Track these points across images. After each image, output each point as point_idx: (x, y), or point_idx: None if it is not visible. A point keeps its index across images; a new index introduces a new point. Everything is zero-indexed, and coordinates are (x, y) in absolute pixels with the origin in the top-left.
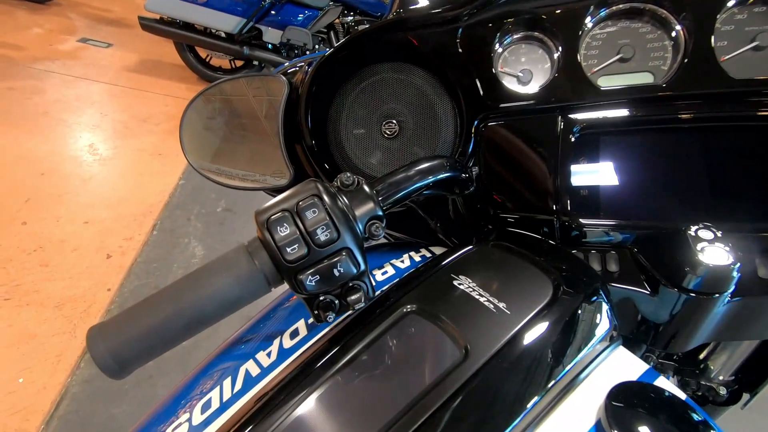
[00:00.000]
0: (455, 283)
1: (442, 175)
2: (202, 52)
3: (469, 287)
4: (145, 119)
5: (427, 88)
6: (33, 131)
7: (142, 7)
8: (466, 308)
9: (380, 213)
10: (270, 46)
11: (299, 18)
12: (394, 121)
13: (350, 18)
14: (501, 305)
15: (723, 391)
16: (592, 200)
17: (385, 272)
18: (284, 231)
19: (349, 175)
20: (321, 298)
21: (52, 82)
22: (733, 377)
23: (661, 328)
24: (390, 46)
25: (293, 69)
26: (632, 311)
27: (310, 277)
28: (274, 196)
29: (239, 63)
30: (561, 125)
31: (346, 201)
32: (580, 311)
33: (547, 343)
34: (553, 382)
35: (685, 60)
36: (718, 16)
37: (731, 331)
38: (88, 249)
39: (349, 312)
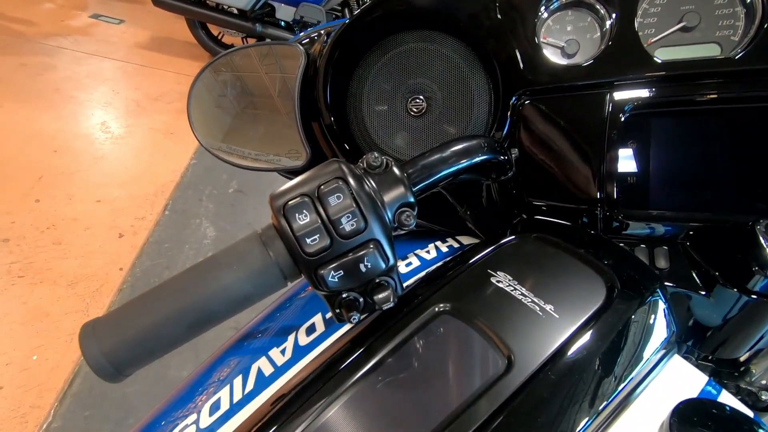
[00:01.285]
0: (493, 280)
1: (479, 158)
2: (214, 30)
3: (510, 285)
4: (157, 98)
5: (459, 60)
6: (45, 108)
7: None
8: (507, 310)
9: (412, 200)
10: (283, 23)
11: None
12: (422, 97)
13: None
14: (548, 308)
15: (765, 396)
16: (641, 189)
17: (410, 263)
18: (304, 219)
19: (376, 155)
20: (344, 296)
21: (63, 59)
22: None
23: (711, 332)
24: (419, 12)
25: (310, 39)
26: (680, 312)
27: (332, 272)
28: (290, 179)
29: (251, 41)
30: (610, 104)
31: (374, 185)
32: (636, 316)
33: (600, 353)
34: (608, 398)
35: (763, 29)
36: None
37: None
38: (101, 228)
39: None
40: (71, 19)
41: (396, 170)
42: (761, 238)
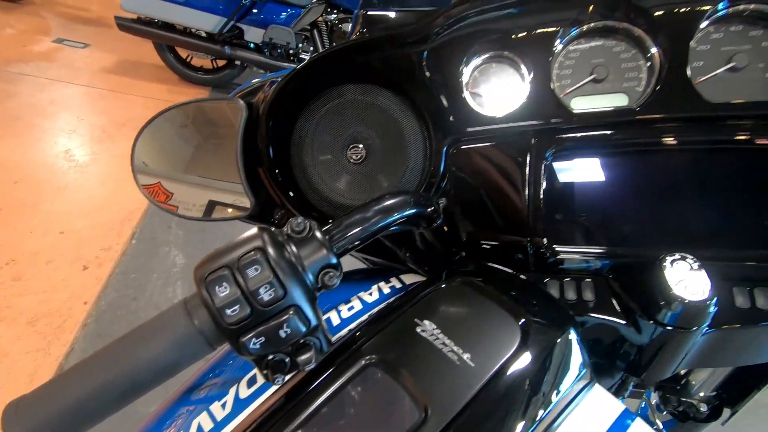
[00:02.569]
0: (418, 329)
1: (404, 213)
2: (183, 52)
3: (433, 335)
4: (123, 123)
5: (394, 111)
6: (5, 137)
7: (120, 5)
8: (428, 360)
9: (334, 261)
10: (252, 45)
11: (281, 16)
12: (361, 146)
13: (333, 16)
14: (465, 356)
15: (703, 407)
16: (566, 226)
17: (352, 308)
18: (224, 291)
19: (300, 220)
20: (270, 357)
21: (25, 85)
22: (714, 393)
23: (637, 358)
24: (354, 68)
25: (254, 90)
26: (609, 339)
27: (253, 339)
28: (252, 224)
29: (221, 63)
30: (533, 149)
31: (295, 251)
32: (550, 357)
33: (515, 396)
34: None
35: (660, 81)
36: (693, 36)
37: (708, 359)
38: (64, 260)
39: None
40: (33, 44)
41: (318, 234)
42: (665, 274)
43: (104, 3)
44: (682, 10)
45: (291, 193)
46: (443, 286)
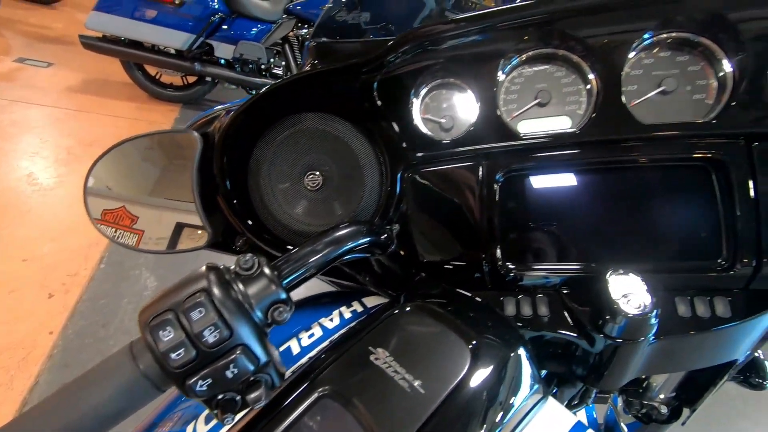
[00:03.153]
0: (372, 358)
1: (355, 243)
2: (152, 69)
3: (386, 362)
4: (91, 143)
5: (348, 139)
6: None
7: (84, 24)
8: (380, 389)
9: (283, 296)
10: (223, 61)
11: (252, 32)
12: (318, 173)
13: (304, 31)
14: (416, 384)
15: (664, 409)
16: (520, 244)
17: (312, 335)
18: (167, 335)
19: (248, 257)
20: (220, 397)
21: None
22: (674, 394)
23: (592, 368)
24: (307, 98)
25: (211, 119)
26: (567, 351)
27: (200, 381)
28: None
29: (192, 79)
30: (484, 171)
31: (243, 289)
32: (500, 376)
33: (467, 418)
34: None
35: (598, 105)
36: (626, 61)
37: (659, 366)
38: (28, 289)
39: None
40: None
41: (266, 270)
42: (609, 289)
43: (68, 21)
44: (614, 38)
45: (250, 221)
46: (396, 312)
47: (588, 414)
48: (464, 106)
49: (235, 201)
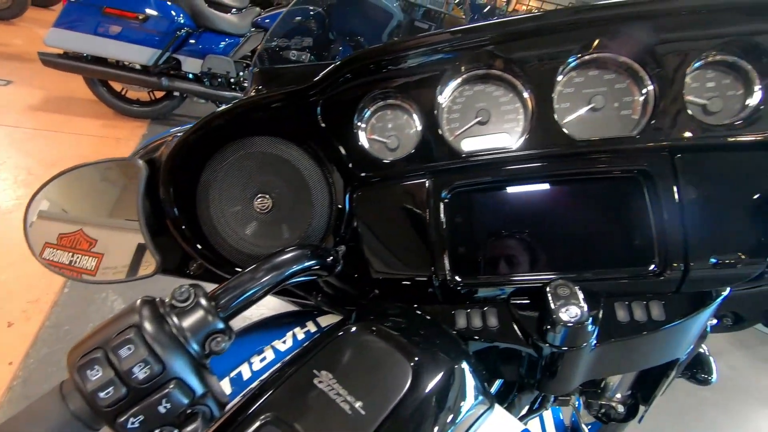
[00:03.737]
0: (316, 381)
1: (298, 268)
2: (117, 85)
3: (329, 385)
4: (53, 163)
5: (296, 161)
6: None
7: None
8: (323, 414)
9: (220, 326)
10: (191, 75)
11: (220, 46)
12: (267, 196)
13: (273, 44)
14: (357, 405)
15: (621, 408)
16: (468, 258)
17: (264, 358)
18: (95, 374)
19: (184, 289)
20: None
21: None
22: (630, 392)
23: (542, 375)
24: (253, 123)
25: (158, 145)
26: (518, 360)
27: (131, 419)
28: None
29: (159, 94)
30: (430, 188)
31: (177, 322)
32: (442, 391)
33: None
34: None
35: (533, 122)
36: (557, 80)
37: (606, 368)
38: None
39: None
40: None
41: (203, 301)
42: (549, 299)
43: (28, 37)
44: (543, 60)
45: (199, 246)
46: (340, 334)
47: (554, 416)
48: (409, 126)
49: (183, 227)
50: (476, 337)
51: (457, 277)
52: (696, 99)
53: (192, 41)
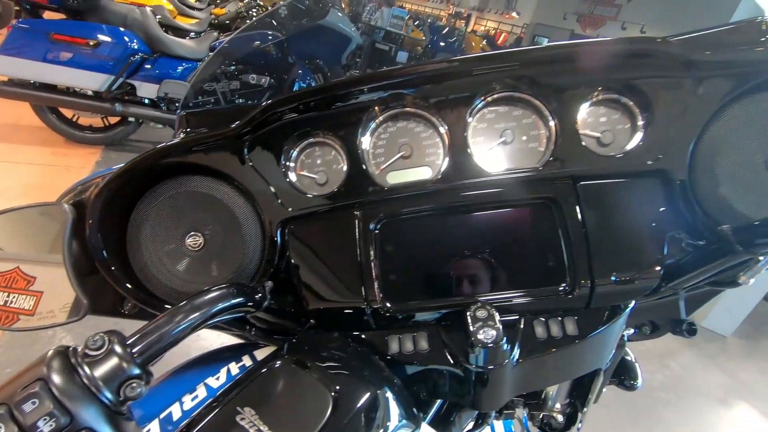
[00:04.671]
0: (238, 418)
1: (221, 307)
2: (68, 111)
3: (251, 422)
4: None
5: (226, 199)
6: None
7: None
8: None
9: (135, 372)
10: (147, 100)
11: (177, 70)
12: (199, 234)
13: (232, 68)
14: None
15: (560, 418)
16: (398, 286)
17: (196, 397)
18: None
19: (97, 337)
20: None
21: None
22: (568, 401)
23: (472, 393)
24: (181, 164)
25: (87, 187)
26: (450, 380)
27: None
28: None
29: (114, 120)
30: (359, 220)
31: (88, 371)
32: (362, 418)
33: None
34: None
35: (451, 156)
36: (468, 118)
37: (533, 382)
38: None
39: None
40: None
41: (117, 348)
42: (469, 322)
43: None
44: (455, 99)
45: (129, 285)
46: (263, 370)
47: (506, 429)
48: (336, 162)
49: (113, 267)
50: (408, 361)
51: (388, 304)
52: (591, 132)
53: (147, 66)
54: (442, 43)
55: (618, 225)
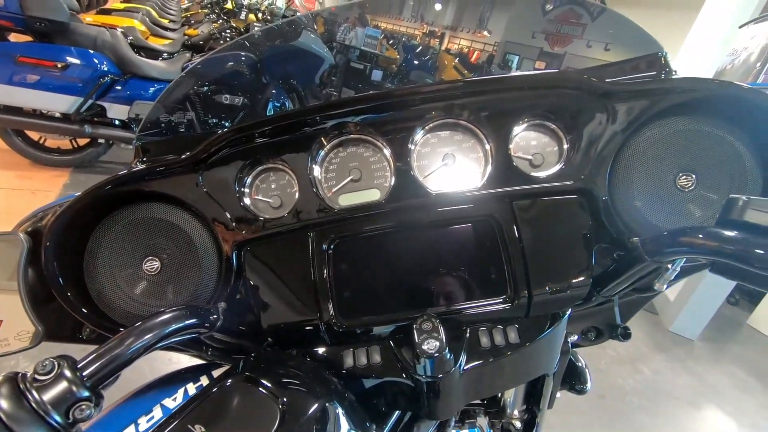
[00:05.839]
0: None
1: (172, 328)
2: (35, 134)
3: None
4: None
5: (182, 224)
6: None
7: None
8: None
9: (85, 394)
10: (117, 122)
11: (149, 92)
12: (156, 259)
13: (205, 89)
14: None
15: (518, 424)
16: (351, 303)
17: (152, 418)
18: None
19: (47, 362)
20: None
21: None
22: (525, 407)
23: (426, 403)
24: (137, 192)
25: (43, 216)
26: (406, 391)
27: None
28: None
29: (83, 141)
30: (313, 241)
31: (37, 396)
32: (309, 430)
33: None
34: None
35: (397, 178)
36: (410, 145)
37: (483, 389)
38: None
39: None
40: None
41: (67, 372)
42: (415, 334)
43: None
44: (397, 127)
45: (86, 311)
46: (214, 389)
47: None
48: (290, 186)
49: (69, 294)
50: (363, 374)
51: (341, 321)
52: (523, 155)
53: (118, 88)
54: (416, 62)
55: (551, 239)
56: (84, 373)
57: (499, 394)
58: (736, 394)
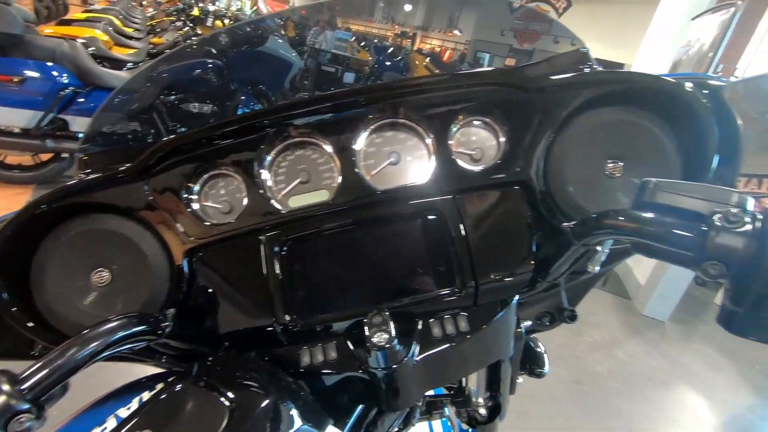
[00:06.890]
0: None
1: (119, 335)
2: None
3: None
4: None
5: (130, 234)
6: None
7: None
8: None
9: (24, 407)
10: (81, 135)
11: None
12: (105, 270)
13: (172, 97)
14: None
15: (483, 411)
16: (304, 302)
17: (105, 429)
18: None
19: None
20: None
21: None
22: (489, 395)
23: (385, 396)
24: (82, 204)
25: None
26: (365, 386)
27: None
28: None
29: (46, 157)
30: (264, 243)
31: None
32: (258, 426)
33: None
34: None
35: (344, 178)
36: (358, 141)
37: (438, 378)
38: None
39: None
40: None
41: (4, 386)
42: (366, 328)
43: None
44: (341, 127)
45: (34, 325)
46: (164, 395)
47: (445, 429)
48: (239, 191)
49: (14, 309)
50: (320, 371)
51: (296, 320)
52: (464, 150)
53: (80, 100)
54: (388, 63)
55: (493, 230)
56: (24, 386)
57: (464, 383)
58: (707, 373)
